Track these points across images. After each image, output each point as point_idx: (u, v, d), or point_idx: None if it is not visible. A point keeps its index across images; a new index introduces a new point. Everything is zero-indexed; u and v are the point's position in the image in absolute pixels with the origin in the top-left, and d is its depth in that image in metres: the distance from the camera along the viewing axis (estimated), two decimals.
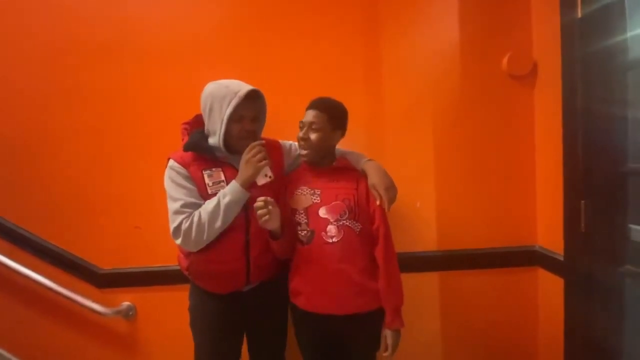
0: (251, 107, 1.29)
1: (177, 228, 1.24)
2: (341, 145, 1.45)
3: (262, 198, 1.22)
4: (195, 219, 1.23)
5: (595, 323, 1.34)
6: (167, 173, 1.30)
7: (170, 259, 1.52)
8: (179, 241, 1.26)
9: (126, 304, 1.70)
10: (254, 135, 1.33)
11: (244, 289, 1.37)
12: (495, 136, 1.68)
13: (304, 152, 1.34)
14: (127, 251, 1.70)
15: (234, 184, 1.26)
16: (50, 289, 1.65)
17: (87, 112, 1.67)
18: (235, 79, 1.33)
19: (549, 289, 1.59)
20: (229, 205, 1.24)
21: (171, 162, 1.31)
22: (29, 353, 1.73)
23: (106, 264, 1.71)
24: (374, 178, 1.30)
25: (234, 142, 1.29)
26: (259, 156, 1.23)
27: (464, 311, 1.73)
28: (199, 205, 1.27)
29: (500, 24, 1.66)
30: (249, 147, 1.25)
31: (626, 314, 1.29)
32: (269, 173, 1.25)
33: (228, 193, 1.25)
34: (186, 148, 1.30)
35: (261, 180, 1.25)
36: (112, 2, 1.65)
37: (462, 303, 1.73)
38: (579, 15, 1.37)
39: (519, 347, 1.72)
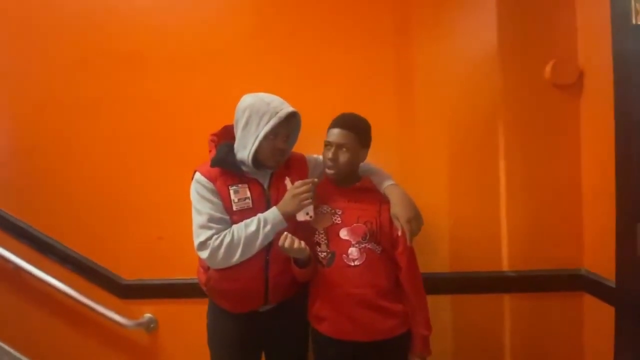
0: (287, 126, 1.27)
1: (203, 243, 1.22)
2: (370, 159, 1.38)
3: (283, 237, 1.17)
4: (227, 239, 1.21)
5: None
6: (194, 186, 1.29)
7: (192, 272, 1.46)
8: (204, 255, 1.22)
9: (148, 316, 1.67)
10: (286, 153, 1.31)
11: (261, 309, 1.33)
12: (537, 149, 1.57)
13: (331, 172, 1.29)
14: (149, 262, 1.68)
15: (276, 214, 1.23)
16: (72, 298, 1.64)
17: (113, 121, 1.66)
18: (262, 88, 1.30)
19: (597, 317, 1.46)
20: (268, 234, 1.22)
21: (197, 176, 1.29)
22: None
23: (129, 274, 1.69)
24: (396, 207, 1.23)
25: (264, 158, 1.27)
26: (306, 195, 1.21)
27: (498, 338, 1.61)
28: (225, 221, 1.24)
29: (543, 30, 1.55)
30: (301, 182, 1.23)
31: None
32: (311, 212, 1.23)
33: (270, 222, 1.23)
34: (213, 164, 1.28)
35: (301, 217, 1.23)
36: (142, 10, 1.64)
37: (497, 329, 1.61)
38: (634, 21, 1.26)
39: None
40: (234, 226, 1.23)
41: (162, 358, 1.71)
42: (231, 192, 1.26)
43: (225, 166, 1.27)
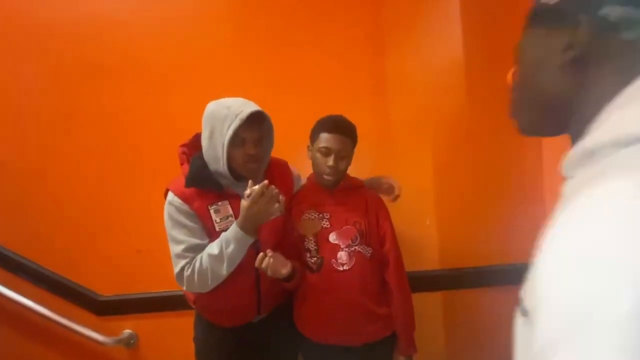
0: (254, 129, 1.17)
1: (180, 274, 1.17)
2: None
3: (259, 259, 1.13)
4: (197, 265, 1.14)
5: None
6: (167, 209, 1.18)
7: (173, 284, 1.43)
8: (183, 286, 1.20)
9: (127, 332, 1.64)
10: (259, 159, 1.21)
11: (255, 319, 1.31)
12: (502, 150, 1.65)
13: (329, 178, 1.26)
14: (127, 276, 1.64)
15: (237, 232, 1.13)
16: (48, 318, 1.58)
17: (85, 134, 1.63)
18: (239, 97, 1.24)
19: None
20: (232, 254, 1.14)
21: (170, 197, 1.18)
22: None
23: (106, 290, 1.65)
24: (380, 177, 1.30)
25: (238, 168, 1.19)
26: (263, 200, 1.09)
27: (478, 330, 1.68)
28: (202, 247, 1.17)
29: (504, 39, 1.63)
30: (250, 191, 1.10)
31: None
32: (281, 209, 1.15)
33: (232, 240, 1.13)
34: (188, 184, 1.18)
35: (271, 217, 1.16)
36: (115, 24, 1.61)
37: (474, 321, 1.68)
38: None
39: None
40: (204, 251, 1.16)
41: None
42: (212, 212, 1.18)
43: (201, 185, 1.17)
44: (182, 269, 1.15)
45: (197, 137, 1.26)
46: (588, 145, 0.42)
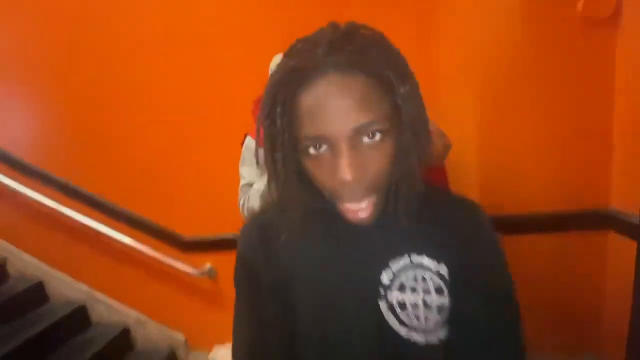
0: None
1: (240, 205, 1.30)
2: None
3: None
4: (247, 197, 1.25)
5: None
6: (243, 151, 1.33)
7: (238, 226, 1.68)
8: (243, 215, 1.30)
9: (208, 266, 1.96)
10: None
11: None
12: (565, 88, 1.50)
13: None
14: (206, 220, 1.94)
15: None
16: (145, 254, 1.95)
17: (172, 95, 1.87)
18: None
19: (621, 253, 1.51)
20: None
21: (247, 140, 1.32)
22: (141, 306, 2.10)
23: (188, 231, 1.97)
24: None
25: None
26: None
27: (526, 276, 1.68)
28: None
29: None
30: None
31: None
32: None
33: None
34: None
35: None
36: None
37: (525, 267, 1.67)
38: None
39: (582, 317, 1.65)
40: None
41: (224, 298, 2.03)
42: None
43: None
44: (240, 200, 1.31)
45: None
46: None
